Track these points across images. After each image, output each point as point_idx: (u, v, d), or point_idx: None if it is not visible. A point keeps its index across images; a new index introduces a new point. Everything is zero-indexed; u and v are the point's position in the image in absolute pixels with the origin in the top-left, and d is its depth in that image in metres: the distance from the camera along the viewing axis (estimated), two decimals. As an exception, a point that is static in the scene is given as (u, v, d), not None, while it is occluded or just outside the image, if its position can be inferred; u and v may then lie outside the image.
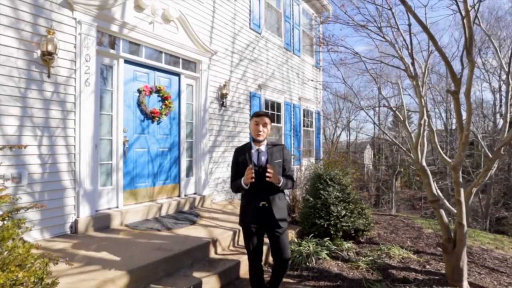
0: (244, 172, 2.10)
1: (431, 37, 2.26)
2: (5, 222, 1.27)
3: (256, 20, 6.21)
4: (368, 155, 29.92)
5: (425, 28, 2.23)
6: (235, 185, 2.20)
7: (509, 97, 2.58)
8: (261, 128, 2.16)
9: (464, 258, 2.60)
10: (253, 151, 2.19)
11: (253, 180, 2.03)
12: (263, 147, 2.21)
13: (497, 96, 19.14)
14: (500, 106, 18.09)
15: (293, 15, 7.52)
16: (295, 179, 2.28)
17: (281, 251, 2.14)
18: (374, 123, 5.20)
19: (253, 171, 2.03)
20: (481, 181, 2.54)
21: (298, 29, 7.77)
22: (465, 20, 2.05)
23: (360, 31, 3.88)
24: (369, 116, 4.10)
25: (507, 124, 2.49)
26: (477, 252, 4.10)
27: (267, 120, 2.19)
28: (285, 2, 7.20)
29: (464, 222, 2.54)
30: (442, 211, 2.73)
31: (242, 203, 2.26)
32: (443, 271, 2.95)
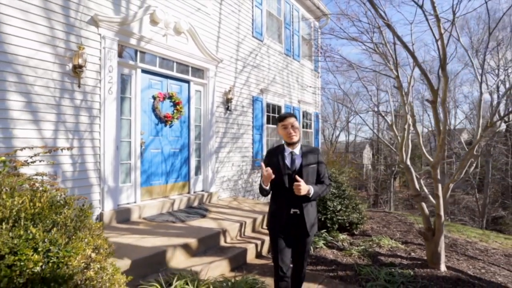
0: (276, 175, 1.96)
1: (412, 55, 2.67)
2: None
3: (258, 29, 6.62)
4: (367, 155, 30.29)
5: (407, 48, 2.64)
6: (260, 188, 2.05)
7: (482, 100, 2.99)
8: (291, 129, 2.01)
9: (442, 245, 3.00)
10: (286, 153, 2.06)
11: (272, 176, 1.91)
12: (297, 150, 2.06)
13: (494, 96, 19.58)
14: (498, 106, 18.49)
15: (292, 22, 7.94)
16: (328, 185, 2.14)
17: (303, 259, 2.11)
18: (367, 125, 5.59)
19: (270, 172, 1.91)
20: (457, 178, 2.94)
21: (297, 35, 8.19)
22: (439, 42, 2.46)
23: (354, 42, 4.29)
24: (363, 119, 4.49)
25: (479, 127, 2.90)
26: (462, 244, 4.51)
27: (292, 120, 2.04)
28: (285, 10, 7.62)
29: (442, 213, 2.94)
30: (423, 204, 3.14)
31: (271, 209, 2.12)
32: (426, 257, 3.35)
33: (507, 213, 18.17)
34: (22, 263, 1.00)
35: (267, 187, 1.99)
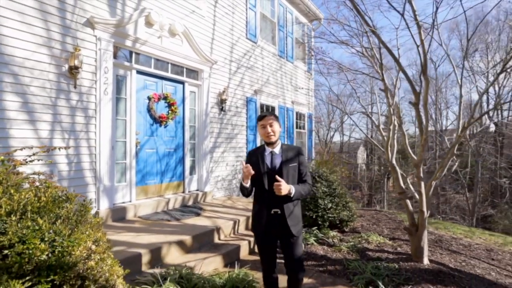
0: (256, 175, 1.97)
1: (395, 60, 2.82)
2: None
3: (252, 31, 6.74)
4: (361, 156, 30.64)
5: (391, 53, 2.79)
6: (241, 187, 2.04)
7: (461, 103, 3.15)
8: (269, 129, 2.00)
9: (425, 239, 3.16)
10: (266, 153, 2.06)
11: (251, 174, 1.92)
12: (277, 149, 2.05)
13: (484, 98, 20.07)
14: (487, 107, 18.98)
15: (286, 24, 8.08)
16: (311, 185, 2.12)
17: (292, 262, 1.99)
18: (357, 126, 5.75)
19: (250, 168, 1.91)
20: (439, 176, 3.10)
21: (291, 37, 8.33)
22: (420, 48, 2.61)
23: (345, 45, 4.44)
24: (353, 121, 4.64)
25: (459, 128, 3.06)
26: (447, 240, 4.70)
27: (272, 119, 2.03)
28: (279, 13, 7.75)
29: (425, 209, 3.10)
30: (408, 201, 3.30)
31: (253, 210, 2.12)
32: (410, 252, 3.51)
33: (496, 211, 18.62)
34: (30, 251, 1.09)
35: (247, 185, 1.97)
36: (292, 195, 1.91)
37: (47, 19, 3.28)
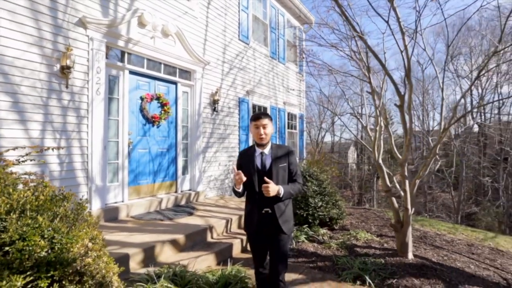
0: (247, 176, 2.00)
1: (381, 64, 2.94)
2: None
3: (245, 32, 6.80)
4: (351, 155, 31.11)
5: (377, 58, 2.91)
6: (233, 190, 2.09)
7: (443, 105, 3.31)
8: (261, 131, 2.02)
9: (409, 235, 3.31)
10: (256, 154, 2.08)
11: (243, 179, 1.95)
12: (267, 150, 2.08)
13: (468, 99, 20.74)
14: (471, 108, 19.64)
15: (278, 26, 8.18)
16: (302, 184, 2.15)
17: (276, 263, 2.01)
18: (347, 127, 5.90)
19: (241, 175, 1.94)
20: (422, 174, 3.25)
21: (283, 39, 8.44)
22: (404, 54, 2.74)
23: (335, 48, 4.56)
24: (343, 122, 4.77)
25: (441, 129, 3.21)
26: (431, 236, 4.88)
27: (266, 120, 2.05)
28: (271, 14, 7.85)
29: (409, 207, 3.24)
30: (393, 199, 3.44)
31: (246, 210, 2.17)
32: (396, 248, 3.65)
33: (479, 209, 19.26)
34: (30, 248, 1.14)
35: (239, 190, 2.02)
36: (281, 196, 1.93)
37: (39, 19, 3.26)
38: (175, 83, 5.05)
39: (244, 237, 3.79)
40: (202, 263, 3.08)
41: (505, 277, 3.26)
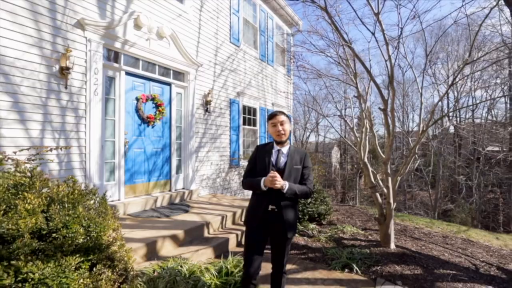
0: (261, 170, 2.00)
1: (367, 71, 3.24)
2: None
3: (236, 35, 6.99)
4: (335, 155, 31.95)
5: (363, 65, 3.20)
6: (251, 183, 2.00)
7: (422, 109, 3.67)
8: (279, 127, 2.02)
9: (392, 227, 3.63)
10: (273, 151, 2.07)
11: (277, 185, 1.87)
12: (285, 149, 2.07)
13: (445, 102, 21.96)
14: (448, 110, 20.80)
15: (267, 29, 8.42)
16: (311, 189, 2.08)
17: (280, 261, 2.04)
18: (333, 127, 6.23)
19: (276, 174, 1.88)
20: (403, 172, 3.59)
21: (271, 42, 8.69)
22: (387, 63, 3.05)
23: (324, 53, 4.85)
24: (330, 122, 5.08)
25: (420, 131, 3.56)
26: (411, 229, 5.29)
27: (283, 117, 2.05)
28: (260, 18, 8.08)
29: (392, 201, 3.57)
30: (377, 194, 3.76)
31: (250, 203, 2.10)
32: (379, 239, 3.99)
33: (454, 205, 20.41)
34: (72, 235, 1.29)
35: (265, 189, 1.92)
36: (285, 190, 1.90)
37: (38, 20, 3.31)
38: (169, 84, 5.17)
39: (239, 232, 3.99)
40: (202, 256, 3.26)
41: (474, 263, 3.66)
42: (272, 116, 2.07)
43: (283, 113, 2.09)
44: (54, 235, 1.24)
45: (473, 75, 16.81)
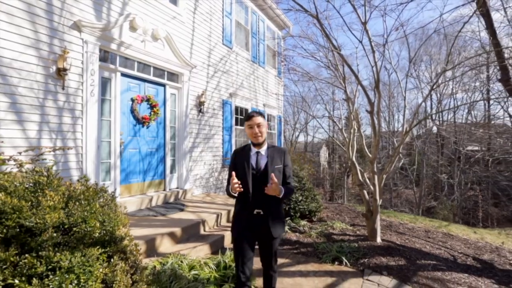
0: (242, 174, 1.96)
1: (355, 76, 3.45)
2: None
3: (228, 37, 7.11)
4: (323, 155, 32.50)
5: (352, 70, 3.41)
6: (228, 193, 1.97)
7: (405, 112, 3.92)
8: (256, 130, 1.98)
9: (378, 222, 3.87)
10: (252, 153, 2.04)
11: (241, 189, 1.86)
12: (263, 150, 2.03)
13: (428, 103, 22.80)
14: (431, 111, 21.59)
15: (259, 31, 8.58)
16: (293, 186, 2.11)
17: (269, 261, 2.06)
18: (322, 127, 6.47)
19: (237, 181, 1.85)
20: (388, 170, 3.83)
21: (263, 44, 8.86)
22: (374, 69, 3.26)
23: (315, 57, 5.06)
24: (319, 123, 5.29)
25: (403, 132, 3.81)
26: (396, 224, 5.58)
27: (259, 119, 2.00)
28: (252, 20, 8.23)
29: (378, 197, 3.80)
30: (365, 192, 3.99)
31: (235, 210, 2.09)
32: (367, 234, 4.23)
33: (437, 203, 21.22)
34: (90, 229, 1.41)
35: (236, 194, 1.92)
36: (281, 196, 1.91)
37: (35, 21, 3.34)
38: (163, 85, 5.24)
39: (234, 230, 4.12)
40: (199, 252, 3.38)
41: (453, 254, 3.95)
42: (249, 117, 2.00)
43: (260, 114, 2.04)
44: (74, 229, 1.35)
45: (455, 78, 17.57)
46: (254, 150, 2.05)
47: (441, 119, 23.80)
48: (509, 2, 4.43)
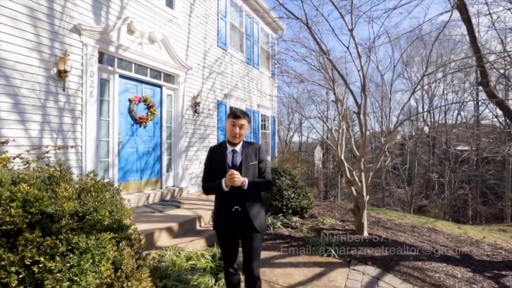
0: (219, 172, 2.01)
1: (344, 80, 3.67)
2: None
3: (223, 39, 7.29)
4: (318, 155, 32.86)
5: (340, 75, 3.63)
6: (212, 186, 2.02)
7: (390, 113, 4.16)
8: (237, 130, 2.02)
9: (365, 217, 4.11)
10: (227, 151, 2.08)
11: (237, 182, 1.90)
12: (238, 148, 2.08)
13: (420, 104, 23.34)
14: (422, 112, 22.08)
15: (253, 33, 8.78)
16: (270, 180, 2.16)
17: (250, 260, 2.03)
18: (315, 128, 6.69)
19: (234, 172, 1.91)
20: (374, 168, 4.06)
21: (257, 46, 9.06)
22: (360, 73, 3.49)
23: (306, 59, 5.28)
24: (311, 124, 5.50)
25: (390, 131, 4.05)
26: (384, 221, 5.84)
27: (244, 121, 2.04)
28: (246, 23, 8.42)
29: (365, 194, 4.04)
30: (353, 188, 4.22)
31: (215, 207, 2.13)
32: (355, 228, 4.46)
33: (428, 201, 21.70)
34: (100, 217, 1.58)
35: (228, 189, 1.95)
36: (245, 187, 1.95)
37: (37, 25, 3.47)
38: (160, 86, 5.40)
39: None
40: (196, 245, 3.56)
41: (434, 247, 4.21)
42: (235, 116, 2.04)
43: (246, 115, 2.08)
44: (87, 217, 1.52)
45: (445, 80, 18.03)
46: (230, 148, 2.10)
47: (432, 119, 24.34)
48: (494, 8, 4.72)
